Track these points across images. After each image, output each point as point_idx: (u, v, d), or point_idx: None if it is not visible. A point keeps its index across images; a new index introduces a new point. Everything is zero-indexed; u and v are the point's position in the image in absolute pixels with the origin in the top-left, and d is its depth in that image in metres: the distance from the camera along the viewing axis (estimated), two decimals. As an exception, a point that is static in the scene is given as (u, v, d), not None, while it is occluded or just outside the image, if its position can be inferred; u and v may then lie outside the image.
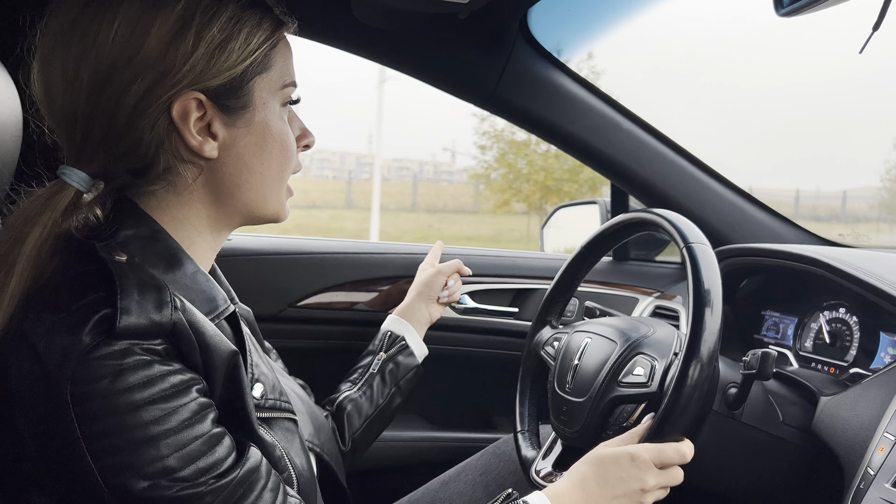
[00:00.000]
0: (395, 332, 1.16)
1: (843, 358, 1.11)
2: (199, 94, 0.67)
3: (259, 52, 0.70)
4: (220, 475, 0.62)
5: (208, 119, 0.69)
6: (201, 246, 0.74)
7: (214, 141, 0.70)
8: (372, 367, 1.12)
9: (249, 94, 0.70)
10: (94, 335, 0.58)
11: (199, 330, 0.64)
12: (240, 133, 0.71)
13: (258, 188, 0.74)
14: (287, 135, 0.75)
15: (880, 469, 0.78)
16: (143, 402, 0.58)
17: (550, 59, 1.36)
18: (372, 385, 1.10)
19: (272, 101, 0.73)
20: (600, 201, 1.73)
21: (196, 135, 0.68)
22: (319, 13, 1.24)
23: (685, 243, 0.85)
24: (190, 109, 0.67)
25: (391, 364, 1.13)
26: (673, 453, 0.78)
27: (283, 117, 0.74)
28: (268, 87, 0.72)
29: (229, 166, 0.71)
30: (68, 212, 0.65)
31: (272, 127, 0.73)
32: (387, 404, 1.11)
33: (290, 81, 0.74)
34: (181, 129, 0.67)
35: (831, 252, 1.10)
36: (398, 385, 1.12)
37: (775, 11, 0.77)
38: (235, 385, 0.67)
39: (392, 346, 1.14)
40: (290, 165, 0.76)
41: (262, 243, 1.53)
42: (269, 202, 0.75)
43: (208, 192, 0.72)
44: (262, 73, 0.71)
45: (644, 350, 0.90)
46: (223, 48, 0.67)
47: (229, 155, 0.71)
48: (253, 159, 0.72)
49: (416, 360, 1.16)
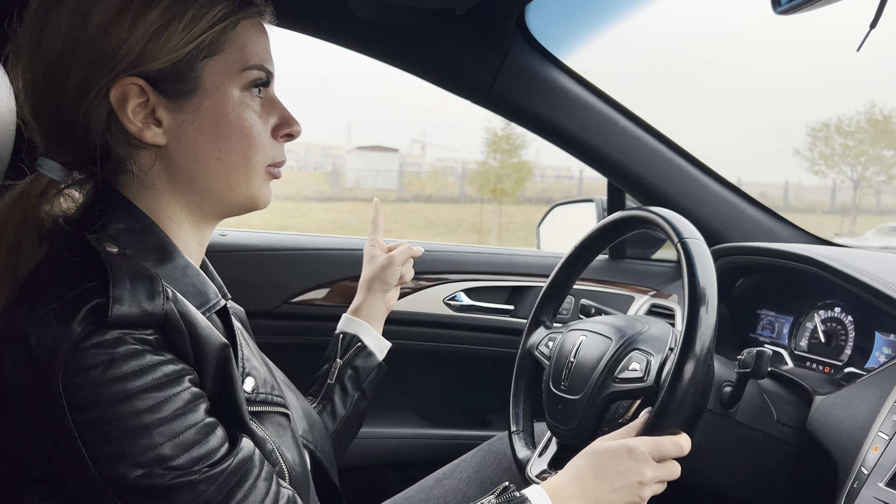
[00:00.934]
0: (349, 333, 1.07)
1: (837, 357, 1.11)
2: (139, 80, 0.66)
3: (207, 34, 0.67)
4: (214, 464, 0.62)
5: (152, 105, 0.67)
6: (185, 240, 0.74)
7: (158, 127, 0.68)
8: (329, 377, 1.04)
9: (198, 79, 0.68)
10: (85, 324, 0.57)
11: (191, 321, 0.64)
12: (187, 118, 0.69)
13: (220, 175, 0.71)
14: (248, 121, 0.71)
15: (874, 468, 0.79)
16: (136, 391, 0.58)
17: (547, 55, 1.36)
18: (332, 398, 1.03)
19: (228, 85, 0.70)
20: (597, 199, 1.73)
21: (135, 120, 0.67)
22: (315, 8, 1.23)
23: (679, 239, 0.85)
24: (129, 95, 0.66)
25: (349, 370, 1.04)
26: (670, 446, 0.78)
27: (246, 102, 0.71)
28: (222, 71, 0.69)
29: (182, 153, 0.70)
30: (46, 197, 0.67)
31: (227, 112, 0.70)
32: (352, 412, 1.04)
33: (252, 65, 0.71)
34: (119, 114, 0.66)
35: (827, 251, 1.10)
36: (361, 390, 1.05)
37: (773, 9, 0.77)
38: (225, 378, 0.67)
39: (348, 349, 1.06)
40: (256, 153, 0.72)
41: (258, 239, 1.52)
42: (238, 189, 0.72)
43: (171, 181, 0.71)
44: (212, 56, 0.68)
45: (639, 346, 0.90)
46: (161, 31, 0.65)
47: (179, 141, 0.69)
48: (207, 146, 0.70)
49: (377, 360, 1.07)
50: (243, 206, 0.75)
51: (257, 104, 0.73)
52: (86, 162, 0.68)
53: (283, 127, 0.75)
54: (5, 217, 0.65)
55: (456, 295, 1.55)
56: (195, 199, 0.73)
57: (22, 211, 0.66)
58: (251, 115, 0.71)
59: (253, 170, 0.72)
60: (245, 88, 0.71)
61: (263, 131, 0.73)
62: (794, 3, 0.73)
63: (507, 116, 1.42)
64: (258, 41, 0.72)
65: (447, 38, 1.30)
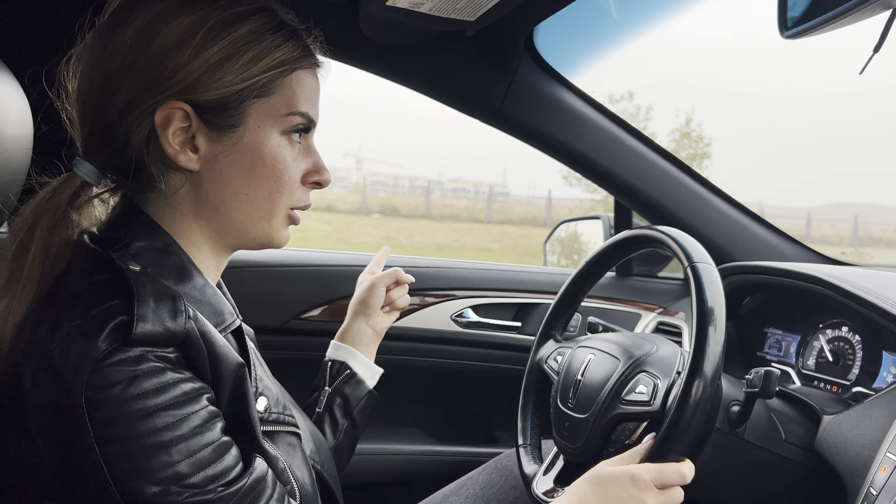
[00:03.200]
0: (337, 360, 1.05)
1: (845, 376, 1.11)
2: (186, 105, 0.68)
3: (261, 77, 0.70)
4: (229, 483, 0.62)
5: (193, 131, 0.69)
6: (204, 265, 0.75)
7: (194, 154, 0.70)
8: (318, 406, 1.02)
9: (243, 115, 0.70)
10: (110, 341, 0.59)
11: (210, 340, 0.65)
12: (224, 150, 0.71)
13: (244, 209, 0.73)
14: (283, 163, 0.73)
15: (882, 489, 0.78)
16: (156, 409, 0.59)
17: (556, 76, 1.38)
18: (322, 427, 1.00)
19: (270, 126, 0.72)
20: (604, 217, 1.74)
21: (174, 143, 0.69)
22: (327, 29, 1.25)
23: (689, 262, 0.86)
24: (173, 118, 0.68)
25: (338, 398, 1.02)
26: (673, 474, 0.78)
27: (284, 145, 0.73)
28: (267, 113, 0.72)
29: (212, 181, 0.71)
30: (76, 202, 0.69)
31: (264, 152, 0.72)
32: (342, 441, 1.02)
33: (297, 111, 0.73)
34: (160, 134, 0.68)
35: (834, 270, 1.11)
36: (351, 418, 1.02)
37: (780, 33, 0.77)
38: (240, 397, 0.68)
39: (336, 377, 1.03)
40: (283, 194, 0.74)
41: (266, 255, 1.53)
42: (258, 226, 0.74)
43: (196, 206, 0.73)
44: (261, 98, 0.71)
45: (647, 368, 0.90)
46: (220, 66, 0.68)
47: (211, 170, 0.71)
48: (237, 179, 0.72)
49: (367, 387, 1.04)
50: (260, 242, 0.76)
51: (294, 150, 0.75)
52: (119, 171, 0.71)
53: (314, 175, 0.77)
54: (37, 216, 0.67)
55: (463, 311, 1.56)
56: (216, 226, 0.74)
57: (52, 215, 0.67)
58: (286, 158, 0.73)
59: (276, 209, 0.74)
60: (285, 132, 0.73)
61: (295, 174, 0.75)
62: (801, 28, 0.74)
63: (515, 135, 1.43)
64: (308, 90, 0.75)
65: (457, 58, 1.32)
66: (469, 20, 1.08)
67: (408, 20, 1.07)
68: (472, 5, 1.02)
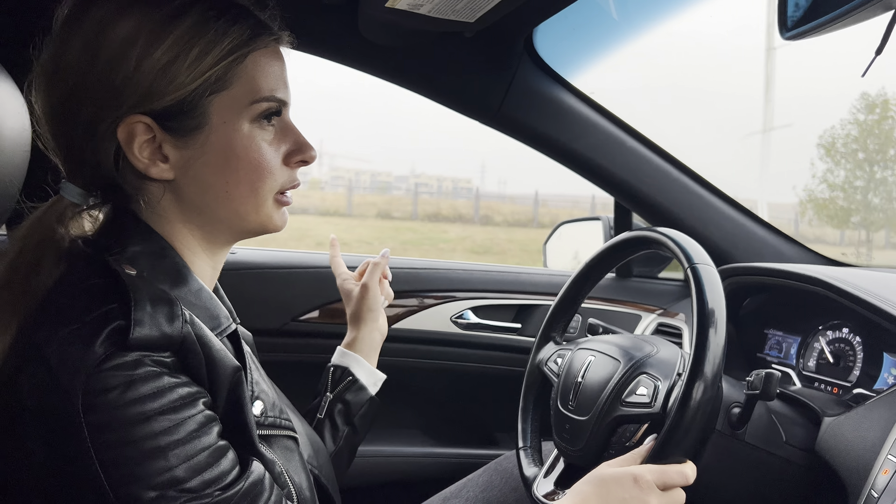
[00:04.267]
0: (340, 366, 1.04)
1: (846, 378, 1.10)
2: (145, 118, 0.66)
3: (213, 71, 0.67)
4: (226, 487, 0.62)
5: (159, 141, 0.67)
6: (199, 265, 0.75)
7: (165, 164, 0.68)
8: (319, 411, 1.01)
9: (204, 115, 0.68)
10: (107, 346, 0.58)
11: (207, 344, 0.65)
12: (194, 154, 0.69)
13: (229, 207, 0.71)
14: (257, 152, 0.70)
15: (884, 492, 0.78)
16: (153, 413, 0.59)
17: (555, 77, 1.37)
18: (322, 433, 1.00)
19: (236, 119, 0.69)
20: (604, 218, 1.74)
21: (142, 158, 0.67)
22: (326, 29, 1.25)
23: (690, 264, 0.86)
24: (135, 133, 0.66)
25: (339, 404, 1.01)
26: (675, 475, 0.78)
27: (255, 134, 0.70)
28: (229, 106, 0.69)
29: (190, 186, 0.70)
30: (65, 219, 0.68)
31: (235, 146, 0.69)
32: (342, 447, 1.01)
33: (261, 97, 0.70)
34: (126, 151, 0.67)
35: (834, 272, 1.10)
36: (352, 424, 1.01)
37: (780, 34, 0.77)
38: (237, 401, 0.67)
39: (338, 383, 1.03)
40: (265, 183, 0.71)
41: (265, 257, 1.53)
42: (249, 218, 0.73)
43: (181, 212, 0.71)
44: (219, 92, 0.68)
45: (647, 370, 0.90)
46: (167, 69, 0.65)
47: (186, 176, 0.69)
48: (215, 179, 0.70)
49: (368, 394, 1.03)
50: (255, 231, 0.75)
51: (269, 133, 0.72)
52: (102, 189, 0.70)
53: (297, 153, 0.74)
54: (26, 235, 0.67)
55: (463, 313, 1.56)
56: (206, 227, 0.73)
57: (42, 231, 0.67)
58: (261, 146, 0.71)
59: (261, 199, 0.72)
60: (254, 121, 0.71)
61: (275, 159, 0.72)
62: (800, 30, 0.74)
63: (514, 136, 1.43)
64: (269, 71, 0.71)
65: (456, 59, 1.31)
66: (468, 21, 1.08)
67: (407, 21, 1.07)
68: (471, 6, 1.02)
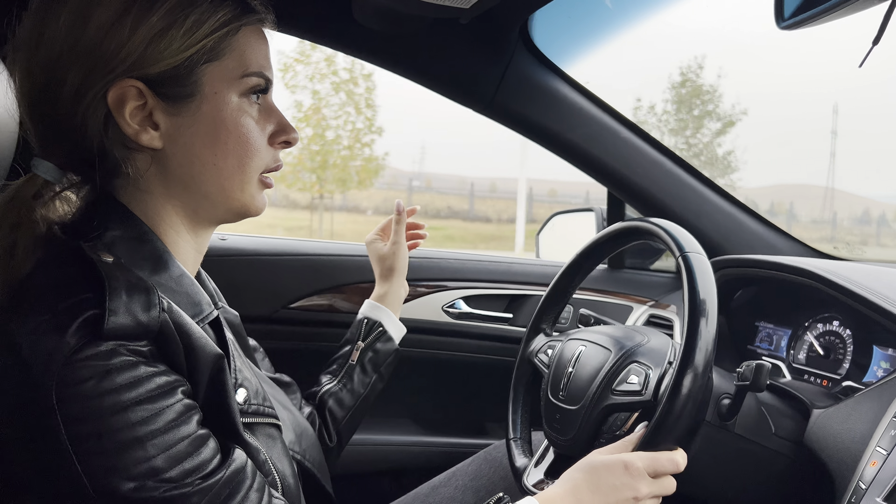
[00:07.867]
0: (371, 318, 1.14)
1: (836, 371, 1.11)
2: (137, 82, 0.66)
3: (208, 40, 0.67)
4: (206, 476, 0.61)
5: (150, 108, 0.67)
6: (183, 246, 0.74)
7: (155, 131, 0.68)
8: (351, 358, 1.10)
9: (197, 83, 0.68)
10: (79, 336, 0.57)
11: (186, 332, 0.64)
12: (185, 122, 0.69)
13: (215, 181, 0.71)
14: (246, 127, 0.71)
15: (872, 483, 0.79)
16: (130, 403, 0.58)
17: (550, 66, 1.37)
18: (353, 377, 1.09)
19: (226, 90, 0.70)
20: (597, 209, 1.74)
21: (132, 123, 0.67)
22: (320, 15, 1.24)
23: (681, 252, 0.85)
24: (126, 97, 0.66)
25: (370, 352, 1.11)
26: (666, 462, 0.78)
27: (244, 108, 0.71)
28: (221, 77, 0.69)
29: (178, 157, 0.69)
30: (41, 200, 0.67)
31: (225, 117, 0.70)
32: (369, 393, 1.11)
33: (252, 71, 0.71)
34: (116, 116, 0.66)
35: (825, 265, 1.10)
36: (379, 372, 1.12)
37: (776, 24, 0.77)
38: (219, 389, 0.67)
39: (370, 333, 1.12)
40: (252, 159, 0.72)
41: (257, 244, 1.52)
42: (232, 196, 0.72)
43: (166, 185, 0.71)
44: (212, 62, 0.68)
45: (638, 358, 0.90)
46: (162, 36, 0.65)
47: (175, 145, 0.69)
48: (204, 150, 0.70)
49: (395, 344, 1.14)
50: (237, 212, 0.75)
51: (255, 111, 0.73)
52: (82, 164, 0.68)
53: (281, 134, 0.75)
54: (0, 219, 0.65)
55: (455, 302, 1.55)
56: (190, 203, 0.72)
57: (16, 213, 0.65)
58: (249, 122, 0.72)
59: (247, 176, 0.72)
60: (243, 94, 0.71)
61: (260, 138, 0.73)
62: (797, 19, 0.73)
63: (508, 125, 1.42)
64: (258, 48, 0.72)
65: (450, 46, 1.30)
66: (464, 7, 1.07)
67: (401, 6, 1.06)
68: (466, -8, 1.01)
